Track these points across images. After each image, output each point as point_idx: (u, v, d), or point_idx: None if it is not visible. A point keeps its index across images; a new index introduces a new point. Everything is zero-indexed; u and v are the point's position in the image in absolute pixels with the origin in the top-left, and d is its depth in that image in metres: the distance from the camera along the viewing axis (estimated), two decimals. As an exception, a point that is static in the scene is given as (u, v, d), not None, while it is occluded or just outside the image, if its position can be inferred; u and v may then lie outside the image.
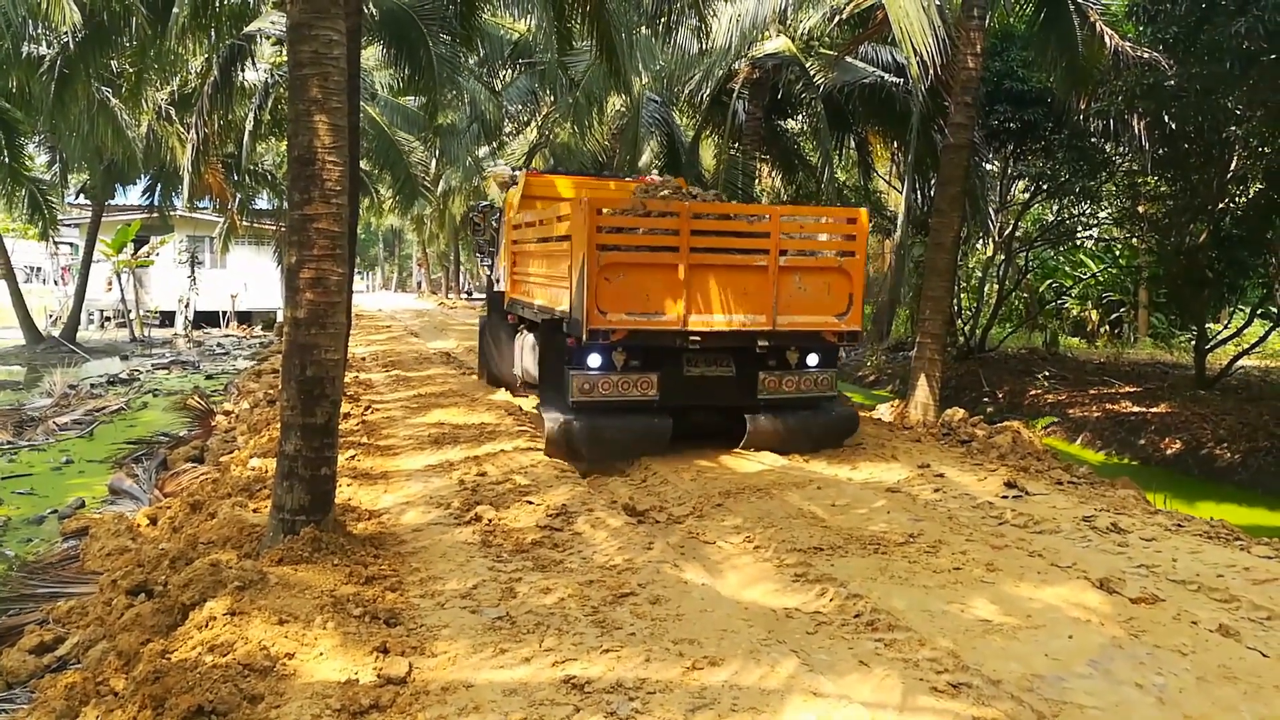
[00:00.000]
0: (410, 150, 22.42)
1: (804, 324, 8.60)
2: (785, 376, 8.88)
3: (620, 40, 11.48)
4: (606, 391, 8.35)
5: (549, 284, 9.47)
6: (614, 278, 8.04)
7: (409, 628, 4.65)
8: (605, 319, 8.01)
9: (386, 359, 18.46)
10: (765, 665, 4.11)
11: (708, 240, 8.36)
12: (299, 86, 5.57)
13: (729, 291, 8.30)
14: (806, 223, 9.16)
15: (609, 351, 8.28)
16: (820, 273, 8.75)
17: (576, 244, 8.19)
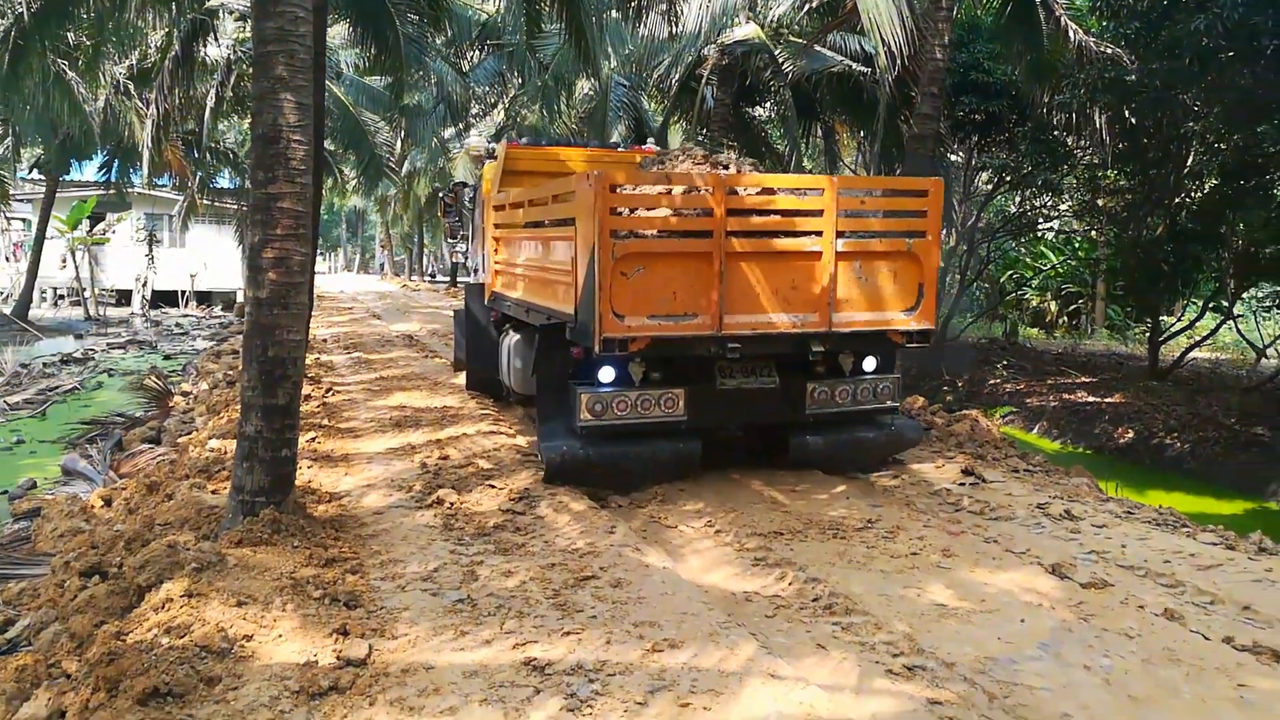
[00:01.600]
0: (375, 130, 22.18)
1: (866, 323, 6.96)
2: (839, 386, 7.32)
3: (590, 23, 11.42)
4: (622, 412, 6.78)
5: (546, 278, 7.76)
6: (632, 272, 6.30)
7: (369, 610, 4.63)
8: (622, 325, 6.29)
9: (348, 341, 18.31)
10: (725, 648, 4.16)
11: (748, 221, 6.61)
12: (264, 63, 5.49)
13: (775, 284, 6.64)
14: (869, 198, 7.07)
15: (625, 363, 6.71)
16: (885, 259, 7.02)
17: (583, 229, 6.43)
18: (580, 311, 6.53)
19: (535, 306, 7.99)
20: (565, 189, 7.13)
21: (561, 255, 7.20)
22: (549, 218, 7.68)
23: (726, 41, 17.48)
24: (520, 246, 8.91)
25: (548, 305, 7.55)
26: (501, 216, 9.46)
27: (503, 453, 8.18)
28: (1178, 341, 16.82)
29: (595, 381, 6.85)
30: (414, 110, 24.32)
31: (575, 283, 6.60)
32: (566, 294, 6.91)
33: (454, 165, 30.35)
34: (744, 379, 7.10)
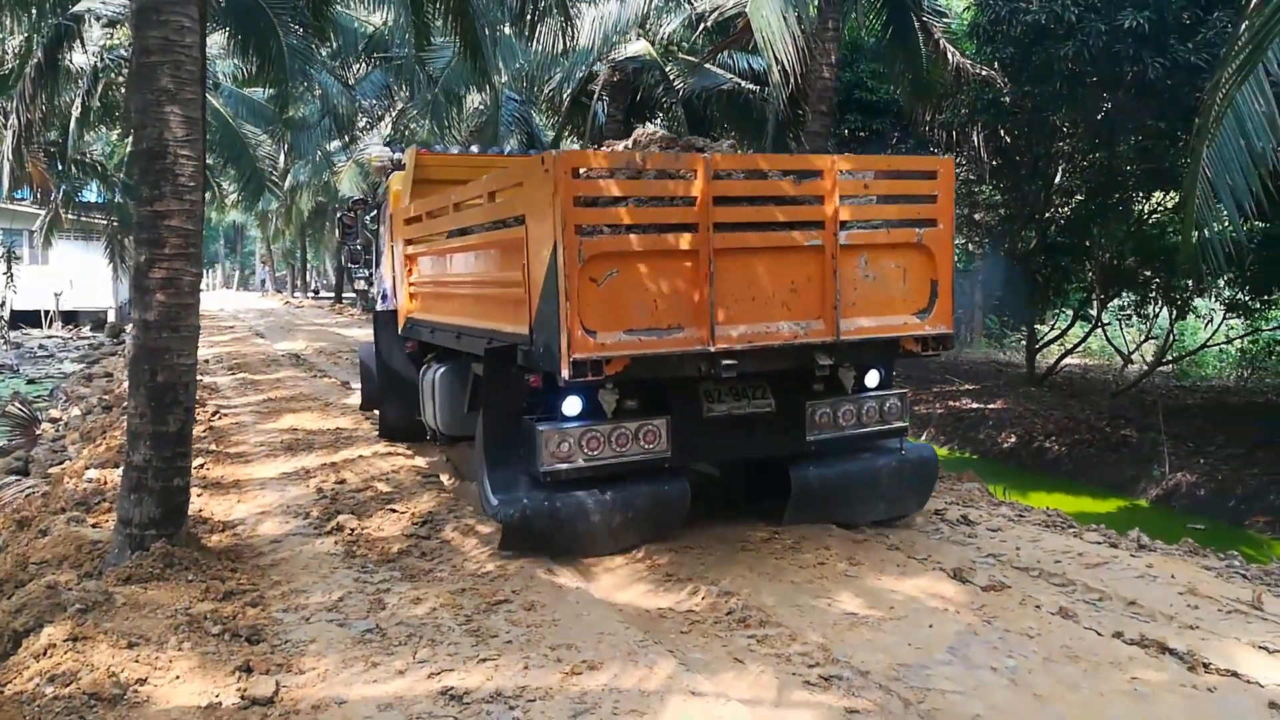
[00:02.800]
0: (257, 144, 21.45)
1: (877, 329, 5.88)
2: (842, 406, 6.22)
3: (485, 37, 11.32)
4: (594, 451, 5.54)
5: (485, 294, 6.61)
6: (604, 277, 5.16)
7: (273, 644, 4.44)
8: (595, 343, 5.10)
9: (232, 361, 17.63)
10: (644, 667, 4.14)
11: (738, 211, 5.54)
12: (147, 75, 5.24)
13: (771, 287, 5.57)
14: (873, 181, 5.99)
15: (594, 391, 5.47)
16: (892, 253, 5.98)
17: (538, 227, 5.30)
18: (538, 330, 5.39)
19: (471, 330, 6.71)
20: (506, 181, 6.06)
21: (506, 264, 5.95)
22: (486, 219, 6.37)
23: (618, 58, 17.61)
24: (445, 261, 7.67)
25: (490, 326, 6.30)
26: (416, 230, 8.10)
27: (401, 475, 8.00)
28: (1052, 349, 17.70)
29: (558, 415, 5.60)
30: (298, 123, 23.62)
31: (529, 296, 5.44)
32: (517, 311, 5.71)
33: (339, 179, 29.59)
34: (734, 403, 5.91)
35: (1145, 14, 10.87)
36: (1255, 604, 5.17)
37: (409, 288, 8.53)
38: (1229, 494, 11.09)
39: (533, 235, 5.39)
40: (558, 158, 5.07)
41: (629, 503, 5.72)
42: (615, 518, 5.69)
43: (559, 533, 5.61)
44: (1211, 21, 10.84)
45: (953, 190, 6.16)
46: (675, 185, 5.39)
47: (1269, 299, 14.23)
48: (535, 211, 5.35)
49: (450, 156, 9.72)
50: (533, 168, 5.45)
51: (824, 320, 5.70)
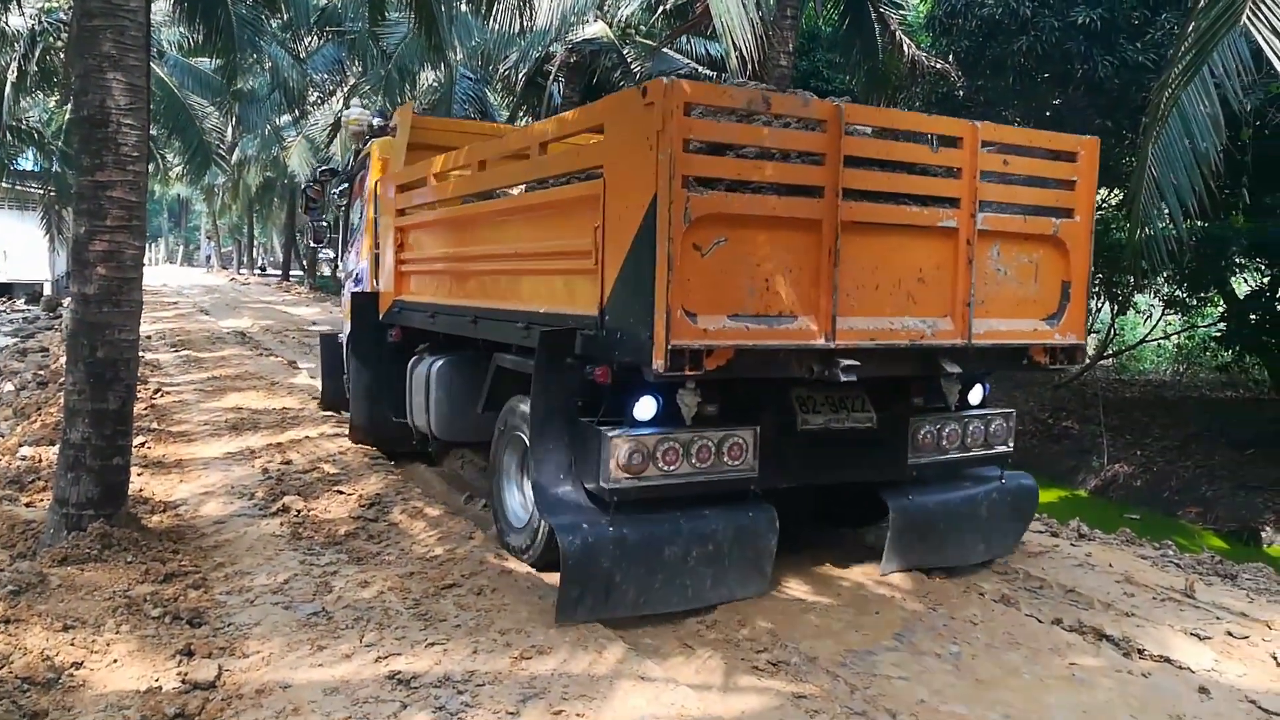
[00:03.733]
0: (203, 115, 20.92)
1: (1008, 334, 5.00)
2: (947, 425, 5.33)
3: (441, 13, 11.14)
4: (670, 465, 4.51)
5: (529, 269, 5.38)
6: (710, 245, 4.13)
7: (215, 627, 4.36)
8: (696, 328, 4.08)
9: (175, 338, 17.26)
10: (593, 651, 4.14)
11: (869, 177, 4.52)
12: (88, 40, 5.07)
13: (896, 273, 4.63)
14: (1013, 157, 5.01)
15: (671, 391, 4.47)
16: (1025, 244, 5.06)
17: (627, 180, 4.23)
18: (615, 310, 4.34)
19: (498, 313, 5.57)
20: (574, 126, 5.09)
21: (566, 230, 4.84)
22: (535, 177, 5.30)
23: (576, 39, 17.48)
24: (459, 232, 6.40)
25: (531, 308, 5.16)
26: (413, 198, 7.02)
27: (349, 456, 7.89)
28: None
29: (630, 419, 4.53)
30: (246, 96, 23.10)
31: (601, 268, 4.42)
32: (579, 287, 4.69)
33: (289, 154, 29.01)
34: (832, 414, 4.95)
35: (1098, 11, 11.07)
36: (1188, 592, 5.33)
37: (399, 266, 7.31)
38: (1163, 485, 11.41)
39: (615, 190, 4.31)
40: (669, 88, 3.95)
41: (707, 533, 4.66)
42: (691, 552, 4.61)
43: (624, 570, 4.46)
44: (1159, 22, 11.07)
45: (1095, 177, 5.31)
46: (800, 138, 4.39)
47: (1205, 296, 14.62)
48: (624, 159, 4.26)
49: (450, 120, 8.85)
50: (625, 104, 4.39)
51: (953, 319, 4.77)
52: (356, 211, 9.09)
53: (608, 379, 4.54)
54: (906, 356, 4.70)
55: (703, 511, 4.69)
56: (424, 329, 6.94)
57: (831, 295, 4.36)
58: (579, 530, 4.44)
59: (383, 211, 7.60)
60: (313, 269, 39.06)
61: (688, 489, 4.61)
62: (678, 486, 4.58)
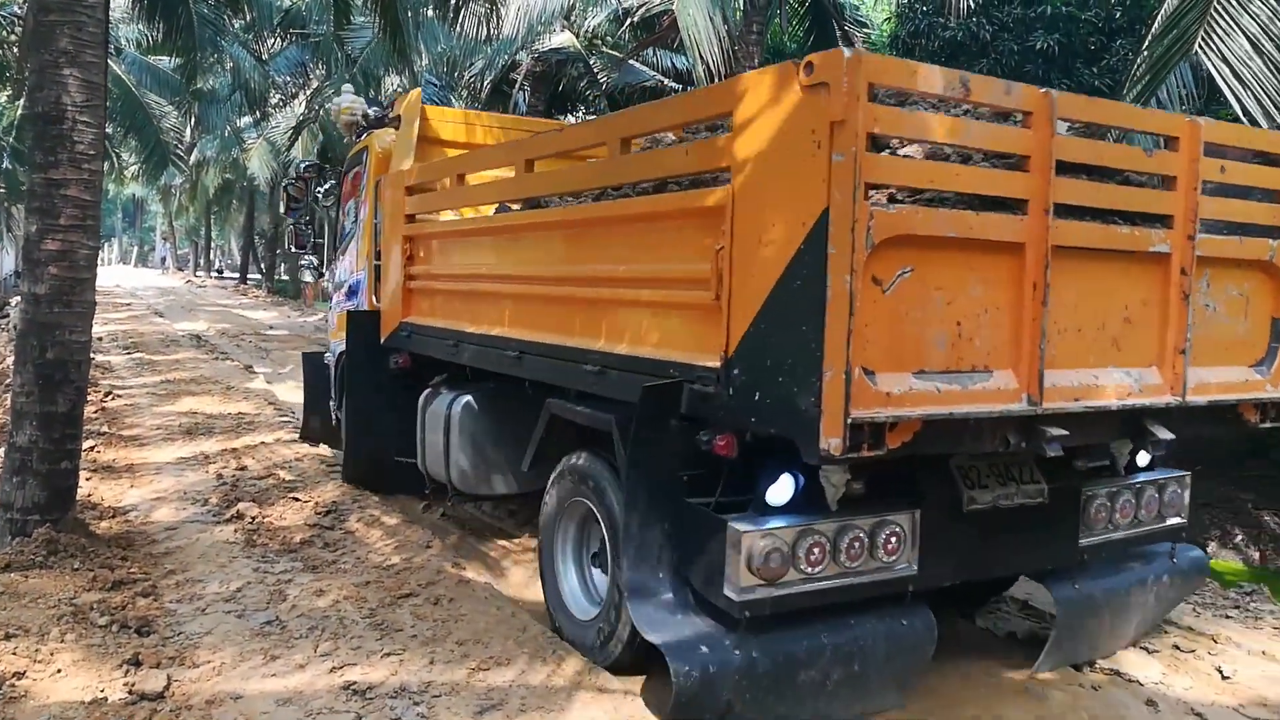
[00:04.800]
0: (162, 115, 20.62)
1: (1219, 387, 3.93)
2: (1121, 495, 4.31)
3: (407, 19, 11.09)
4: (815, 567, 3.48)
5: (608, 297, 4.22)
6: (893, 278, 3.09)
7: (165, 636, 4.27)
8: (877, 392, 3.05)
9: (128, 340, 16.95)
10: (551, 663, 4.11)
11: (1078, 188, 3.47)
12: (45, 35, 4.97)
13: (1100, 313, 3.61)
14: (1232, 163, 3.96)
15: (813, 467, 3.30)
16: (1237, 272, 4.02)
17: (781, 189, 3.18)
18: (752, 361, 3.25)
19: (564, 350, 4.38)
20: (687, 114, 3.99)
21: (671, 250, 3.78)
22: (623, 181, 4.16)
23: (542, 48, 17.47)
24: (503, 245, 5.23)
25: (619, 349, 4.03)
26: (435, 200, 6.08)
27: (305, 463, 7.80)
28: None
29: (758, 503, 3.52)
30: (206, 96, 22.78)
31: (725, 303, 3.34)
32: (693, 326, 3.61)
33: (249, 156, 28.65)
34: (1000, 489, 3.85)
35: (1055, 36, 11.31)
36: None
37: (407, 282, 6.22)
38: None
39: (752, 201, 3.23)
40: (851, 62, 2.86)
41: (854, 650, 3.66)
42: (832, 674, 3.62)
43: (748, 701, 3.49)
44: (1115, 49, 11.32)
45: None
46: (1005, 135, 3.39)
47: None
48: (769, 160, 3.16)
49: (469, 112, 7.58)
50: (771, 84, 3.14)
51: (1162, 369, 3.73)
52: (349, 213, 7.81)
53: (731, 451, 3.43)
54: (1111, 421, 3.68)
55: (848, 621, 3.66)
56: (440, 358, 5.84)
57: (1038, 343, 3.31)
58: (695, 656, 3.42)
59: (386, 216, 6.53)
60: (271, 273, 38.60)
61: (832, 597, 3.55)
62: (821, 594, 3.50)
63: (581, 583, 4.52)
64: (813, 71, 2.97)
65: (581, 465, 4.33)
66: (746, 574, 3.36)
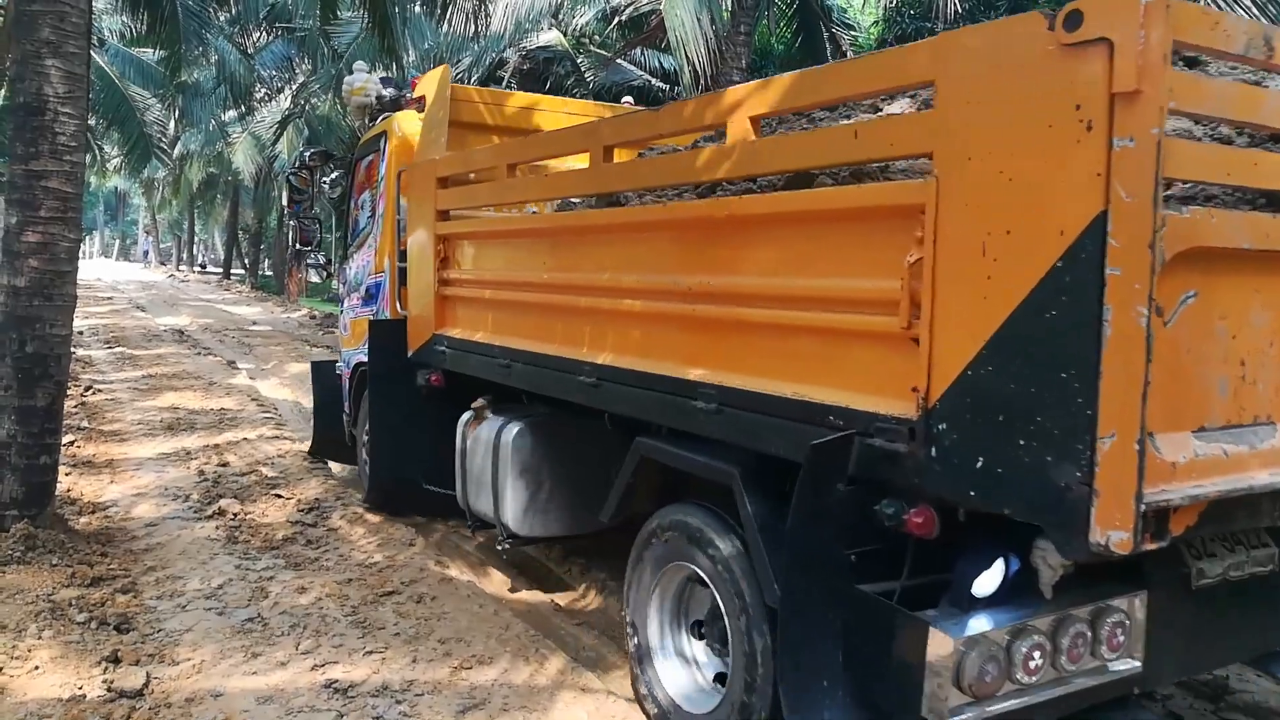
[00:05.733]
0: (145, 107, 20.46)
1: None
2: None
3: (394, 14, 11.04)
4: (1031, 676, 2.56)
5: (750, 315, 3.19)
6: (1175, 307, 2.26)
7: (144, 633, 4.23)
8: (1163, 462, 2.20)
9: (109, 334, 16.81)
10: (534, 662, 4.10)
11: None
12: (27, 25, 4.92)
13: None
14: None
15: (1021, 549, 2.48)
16: None
17: (1016, 185, 2.28)
18: (969, 415, 2.44)
19: (664, 380, 3.50)
20: (896, 71, 2.77)
21: (838, 258, 2.90)
22: (754, 173, 3.23)
23: (530, 46, 17.44)
24: (571, 248, 4.30)
25: (744, 384, 3.15)
26: (476, 194, 5.22)
27: (288, 459, 7.75)
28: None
29: (960, 595, 2.63)
30: (191, 89, 22.64)
31: (926, 332, 2.52)
32: (876, 363, 2.76)
33: (234, 150, 28.46)
34: (1230, 557, 2.99)
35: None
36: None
37: (441, 289, 5.36)
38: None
39: (974, 199, 2.38)
40: (1153, 9, 2.09)
41: None
42: None
43: None
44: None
45: None
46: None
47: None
48: (1002, 140, 2.33)
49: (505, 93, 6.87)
50: (1018, 36, 2.29)
51: None
52: (363, 206, 6.95)
53: (930, 530, 2.62)
54: None
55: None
56: (486, 378, 4.90)
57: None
58: None
59: (413, 212, 5.72)
60: (254, 268, 38.38)
61: (1048, 712, 2.68)
62: (1037, 709, 2.65)
63: (683, 662, 3.64)
64: (1080, 24, 2.15)
65: (687, 523, 3.43)
66: (955, 691, 2.49)
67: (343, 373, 7.19)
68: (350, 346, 7.02)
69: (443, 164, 5.40)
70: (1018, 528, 2.37)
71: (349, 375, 6.96)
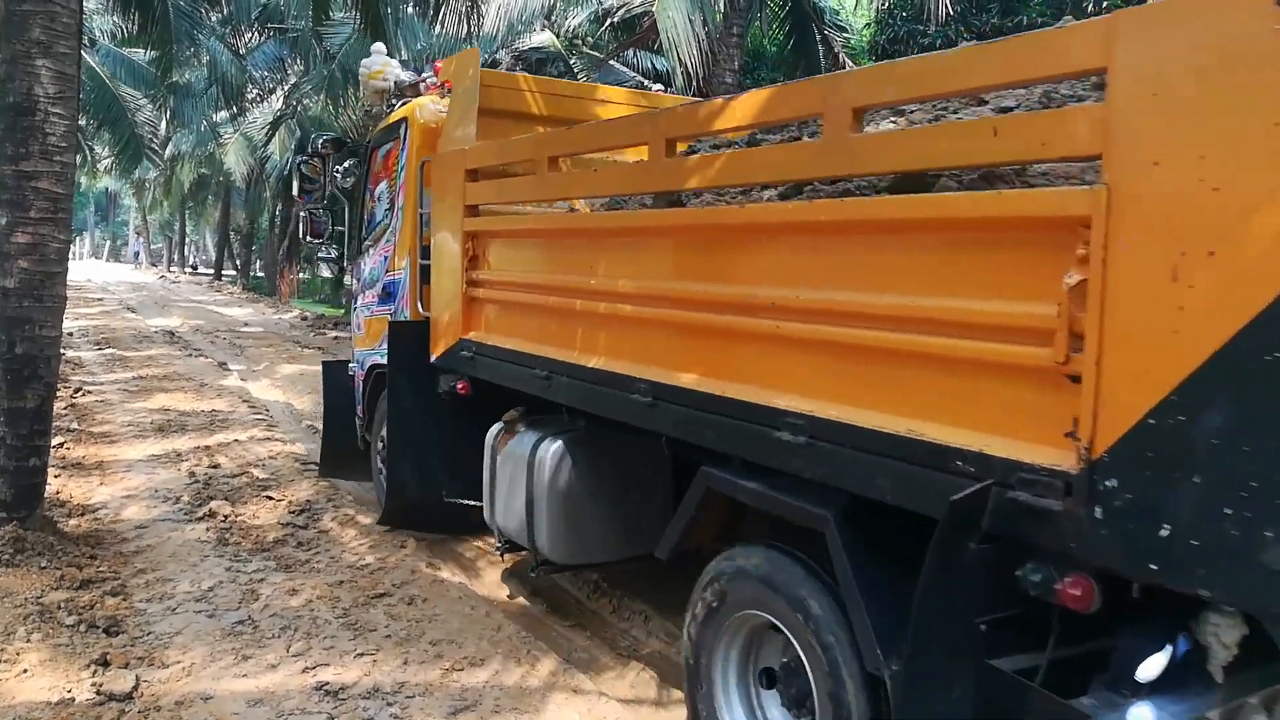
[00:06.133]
0: (136, 108, 20.37)
1: None
2: None
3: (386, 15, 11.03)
4: None
5: (845, 336, 2.71)
6: None
7: (134, 636, 4.22)
8: None
9: (99, 335, 16.73)
10: (526, 664, 4.10)
11: None
12: (18, 24, 4.90)
13: None
14: None
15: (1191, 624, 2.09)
16: None
17: (1237, 193, 1.79)
18: (1173, 476, 1.93)
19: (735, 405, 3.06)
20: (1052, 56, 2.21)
21: (980, 278, 2.36)
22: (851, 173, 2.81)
23: (522, 47, 17.41)
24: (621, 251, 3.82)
25: (840, 415, 2.69)
26: (510, 188, 4.73)
27: (279, 461, 7.73)
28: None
29: (1117, 681, 2.16)
30: (182, 89, 22.56)
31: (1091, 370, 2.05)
32: (1023, 401, 2.27)
33: (225, 151, 28.36)
34: None
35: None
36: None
37: (469, 290, 4.95)
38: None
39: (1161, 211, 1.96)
40: None
41: None
42: None
43: None
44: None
45: None
46: None
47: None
48: (1202, 139, 1.88)
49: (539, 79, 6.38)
50: (1241, 13, 1.82)
51: None
52: (379, 198, 6.49)
53: (1088, 603, 2.19)
54: None
55: None
56: (521, 389, 4.46)
57: None
58: None
59: (438, 205, 5.32)
60: (246, 269, 38.25)
61: None
62: None
63: (748, 713, 3.27)
64: None
65: (765, 571, 3.01)
66: None
67: (356, 374, 6.80)
68: (365, 347, 6.63)
69: (473, 155, 4.93)
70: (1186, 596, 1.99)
71: (363, 377, 6.58)
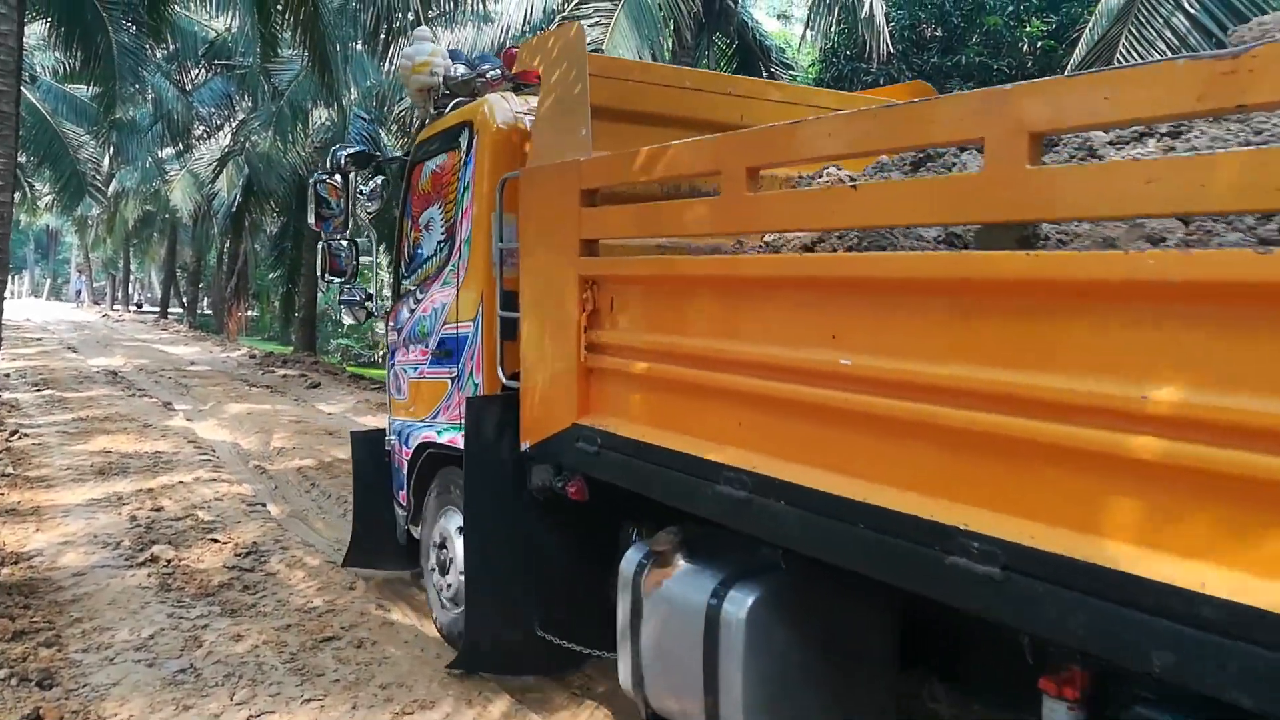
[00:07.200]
0: (79, 144, 20.06)
1: None
2: None
3: (334, 53, 11.01)
4: None
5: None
6: None
7: (69, 689, 4.08)
8: None
9: (37, 376, 16.28)
10: (478, 706, 4.03)
11: None
12: (-48, 61, 4.82)
13: None
14: None
15: None
16: None
17: None
18: None
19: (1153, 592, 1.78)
20: None
21: None
22: None
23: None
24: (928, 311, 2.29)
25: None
26: (666, 217, 3.22)
27: (225, 502, 7.57)
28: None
29: None
30: (126, 126, 22.25)
31: None
32: None
33: (171, 189, 27.98)
34: None
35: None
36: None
37: (587, 356, 3.55)
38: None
39: None
40: None
41: None
42: None
43: None
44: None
45: None
46: None
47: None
48: None
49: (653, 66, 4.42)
50: None
51: None
52: (431, 227, 5.02)
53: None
54: None
55: None
56: (686, 509, 3.11)
57: None
58: None
59: (532, 237, 3.93)
60: (193, 307, 37.63)
61: None
62: None
63: None
64: None
65: None
66: None
67: (395, 450, 5.42)
68: (409, 416, 5.28)
69: (592, 169, 3.49)
70: None
71: (407, 456, 5.17)
